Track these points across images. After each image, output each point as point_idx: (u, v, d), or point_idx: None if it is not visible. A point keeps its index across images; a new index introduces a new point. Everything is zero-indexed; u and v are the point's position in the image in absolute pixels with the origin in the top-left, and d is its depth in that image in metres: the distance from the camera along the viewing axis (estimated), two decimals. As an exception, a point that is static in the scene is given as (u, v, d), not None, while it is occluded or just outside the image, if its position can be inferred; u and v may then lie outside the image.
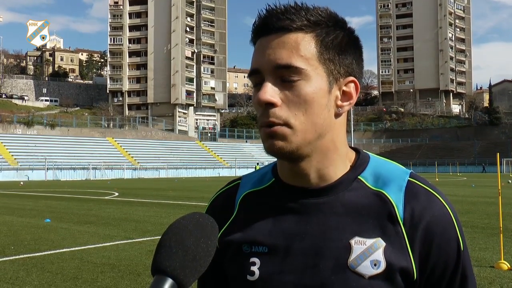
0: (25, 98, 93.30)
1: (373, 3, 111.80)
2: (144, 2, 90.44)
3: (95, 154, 58.85)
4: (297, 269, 0.90)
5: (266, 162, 50.62)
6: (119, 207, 16.84)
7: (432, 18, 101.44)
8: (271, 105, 0.86)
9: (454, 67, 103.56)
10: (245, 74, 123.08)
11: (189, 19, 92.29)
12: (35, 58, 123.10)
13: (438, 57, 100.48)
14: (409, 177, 0.93)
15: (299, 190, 0.94)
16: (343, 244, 0.88)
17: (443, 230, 0.89)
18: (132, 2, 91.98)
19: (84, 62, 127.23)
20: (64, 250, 8.59)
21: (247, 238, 0.95)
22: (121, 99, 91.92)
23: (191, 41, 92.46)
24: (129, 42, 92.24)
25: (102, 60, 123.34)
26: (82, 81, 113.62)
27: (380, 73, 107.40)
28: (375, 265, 0.86)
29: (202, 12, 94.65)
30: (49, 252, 8.37)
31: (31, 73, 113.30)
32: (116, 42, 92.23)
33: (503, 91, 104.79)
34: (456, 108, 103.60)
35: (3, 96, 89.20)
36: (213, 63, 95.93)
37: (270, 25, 0.89)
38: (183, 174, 63.12)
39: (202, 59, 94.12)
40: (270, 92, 0.86)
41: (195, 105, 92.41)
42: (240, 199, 1.02)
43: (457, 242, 0.90)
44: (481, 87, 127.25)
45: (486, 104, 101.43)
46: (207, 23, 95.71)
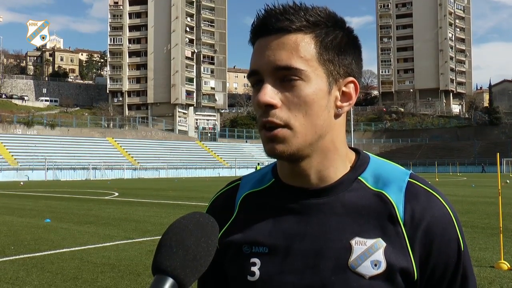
0: (25, 98, 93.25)
1: (373, 3, 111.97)
2: (144, 2, 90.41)
3: (95, 154, 58.82)
4: (298, 270, 0.90)
5: (266, 162, 50.55)
6: (119, 207, 16.83)
7: (432, 18, 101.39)
8: (271, 107, 0.86)
9: (454, 67, 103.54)
10: (245, 74, 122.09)
11: (189, 19, 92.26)
12: (35, 58, 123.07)
13: (438, 57, 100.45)
14: (409, 177, 0.93)
15: (299, 190, 0.94)
16: (344, 244, 0.89)
17: (443, 231, 0.89)
18: (132, 2, 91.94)
19: (84, 62, 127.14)
20: (64, 250, 8.58)
21: (247, 239, 0.95)
22: (121, 99, 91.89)
23: (191, 41, 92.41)
24: (129, 42, 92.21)
25: (102, 60, 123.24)
26: (82, 81, 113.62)
27: (380, 73, 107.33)
28: (375, 265, 0.86)
29: (202, 12, 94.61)
30: (49, 252, 8.36)
31: (31, 73, 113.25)
32: (116, 42, 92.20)
33: (503, 91, 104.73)
34: (456, 108, 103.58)
35: (3, 96, 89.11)
36: (213, 63, 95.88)
37: (269, 25, 0.88)
38: (183, 174, 63.05)
39: (202, 59, 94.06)
40: (269, 93, 0.86)
41: (195, 105, 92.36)
42: (240, 200, 1.02)
43: (458, 242, 0.90)
44: (481, 87, 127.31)
45: (486, 104, 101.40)
46: (207, 23, 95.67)
